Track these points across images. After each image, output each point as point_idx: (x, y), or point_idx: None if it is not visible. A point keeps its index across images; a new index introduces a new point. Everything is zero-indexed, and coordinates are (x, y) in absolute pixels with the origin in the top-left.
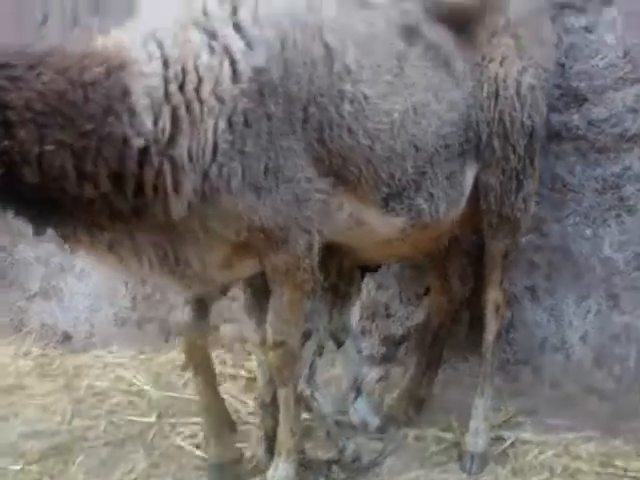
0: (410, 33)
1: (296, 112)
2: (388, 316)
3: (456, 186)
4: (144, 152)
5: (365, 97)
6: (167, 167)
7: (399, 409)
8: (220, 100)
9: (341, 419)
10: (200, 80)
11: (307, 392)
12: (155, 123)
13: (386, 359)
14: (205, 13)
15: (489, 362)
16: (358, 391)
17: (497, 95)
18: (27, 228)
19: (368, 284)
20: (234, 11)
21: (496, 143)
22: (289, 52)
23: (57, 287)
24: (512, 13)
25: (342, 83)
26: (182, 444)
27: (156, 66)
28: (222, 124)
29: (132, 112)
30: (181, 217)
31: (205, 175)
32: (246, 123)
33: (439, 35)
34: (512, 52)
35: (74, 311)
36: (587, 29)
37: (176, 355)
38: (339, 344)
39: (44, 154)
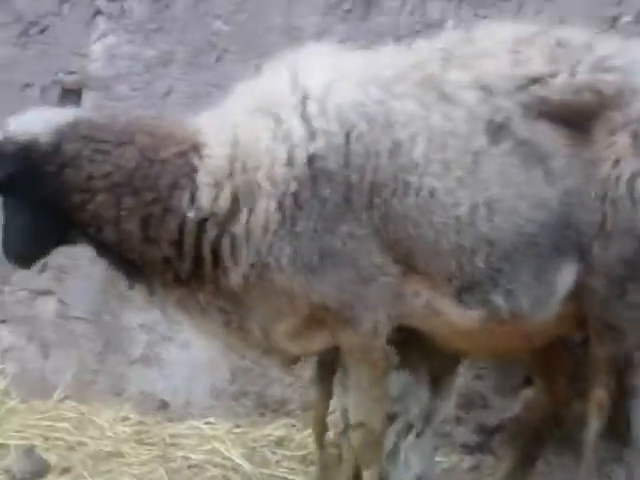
0: (497, 129)
1: (357, 200)
2: (484, 407)
3: (545, 285)
4: (202, 224)
5: (431, 191)
6: (226, 240)
7: None
8: (273, 183)
9: None
10: (259, 163)
11: (384, 474)
12: (215, 199)
13: (479, 449)
14: (276, 101)
15: (588, 463)
16: None
17: (605, 197)
18: (133, 294)
19: (466, 374)
20: (303, 100)
21: (600, 246)
22: (352, 144)
23: (159, 355)
24: (634, 109)
25: (408, 176)
26: None
27: (224, 148)
28: (273, 205)
29: (195, 188)
30: (240, 286)
31: (258, 251)
32: (296, 205)
33: (536, 132)
34: (628, 151)
35: (173, 380)
36: None
37: (271, 430)
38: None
39: (119, 217)
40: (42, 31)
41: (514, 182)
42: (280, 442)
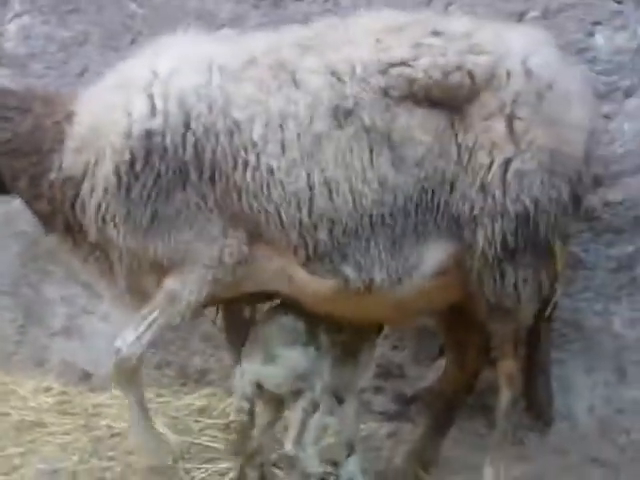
0: (343, 114)
1: (195, 174)
2: (401, 376)
3: (401, 261)
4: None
5: (269, 169)
6: (79, 200)
7: (407, 470)
8: (113, 150)
9: (332, 473)
10: (107, 132)
11: (292, 452)
12: (74, 163)
13: (397, 416)
14: (131, 80)
15: (501, 431)
16: (351, 450)
17: (476, 183)
18: (53, 267)
19: (384, 345)
20: (151, 81)
21: (471, 231)
22: (191, 124)
23: (80, 327)
24: (509, 92)
25: (246, 154)
26: None
27: (87, 118)
28: (110, 169)
29: (62, 152)
30: (97, 241)
31: (98, 207)
32: (132, 173)
33: (392, 118)
34: (502, 137)
35: (95, 351)
36: (608, 117)
37: (193, 400)
38: (339, 401)
39: (14, 176)
40: None
41: (357, 166)
42: (202, 411)
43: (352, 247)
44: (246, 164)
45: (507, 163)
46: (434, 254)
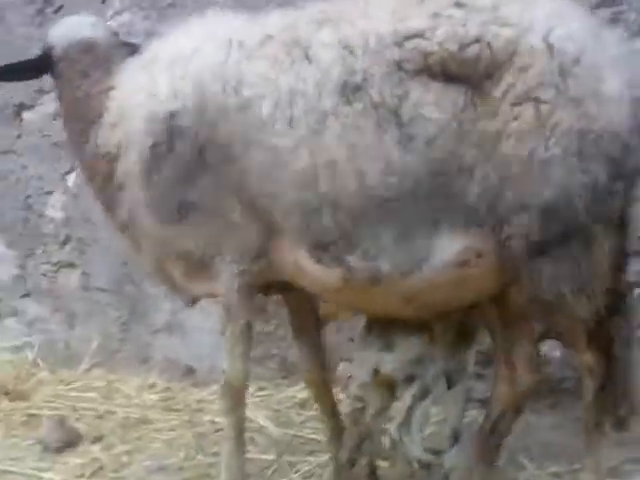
0: (351, 90)
1: (212, 156)
2: None
3: (411, 250)
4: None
5: (275, 148)
6: (115, 180)
7: None
8: (138, 134)
9: (434, 462)
10: (133, 115)
11: (397, 436)
12: (109, 139)
13: None
14: (156, 60)
15: (590, 423)
16: (455, 439)
17: (501, 173)
18: None
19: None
20: (173, 62)
21: (494, 220)
22: (207, 103)
23: (182, 323)
24: (534, 73)
25: (256, 133)
26: None
27: (120, 95)
28: (135, 155)
29: (100, 125)
30: (128, 224)
31: (129, 196)
32: (155, 158)
33: (404, 94)
34: (531, 125)
35: (197, 346)
36: None
37: (294, 392)
38: (450, 385)
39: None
40: None
41: (361, 145)
42: (303, 404)
43: (357, 234)
44: (255, 144)
45: (532, 153)
46: (448, 245)
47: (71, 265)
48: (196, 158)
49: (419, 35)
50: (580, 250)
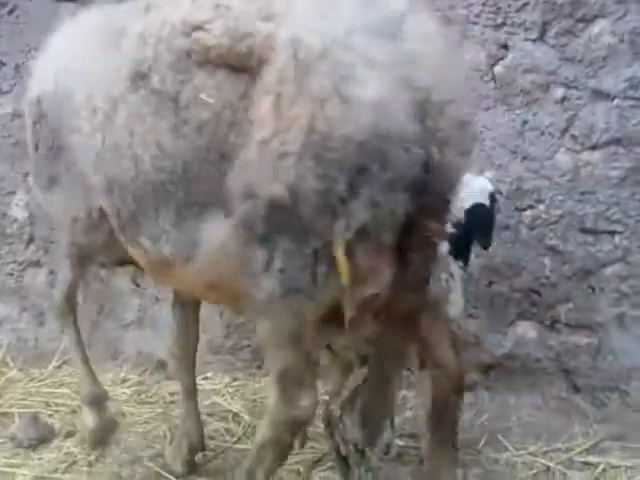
0: (138, 77)
1: (60, 140)
2: (478, 345)
3: (186, 235)
4: None
5: (82, 133)
6: None
7: None
8: (27, 113)
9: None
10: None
11: (337, 413)
12: None
13: (475, 386)
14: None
15: None
16: None
17: (244, 160)
18: None
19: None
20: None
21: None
22: (55, 91)
23: (152, 316)
24: (279, 66)
25: (72, 120)
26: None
27: None
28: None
29: None
30: None
31: None
32: (35, 134)
33: (186, 81)
34: (267, 115)
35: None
36: None
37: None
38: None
39: None
40: None
41: (142, 130)
42: None
43: (142, 217)
44: (73, 129)
45: (266, 143)
46: (216, 232)
47: (37, 264)
48: (53, 139)
49: (201, 27)
50: (302, 250)
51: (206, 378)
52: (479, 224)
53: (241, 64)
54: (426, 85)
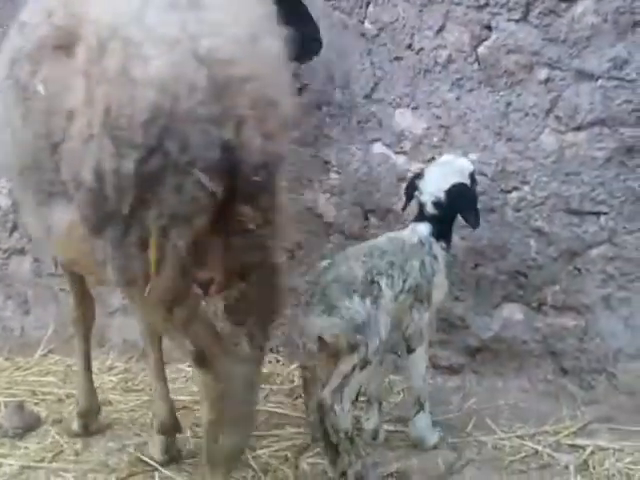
0: (12, 64)
1: None
2: (465, 328)
3: (41, 220)
4: None
5: None
6: None
7: None
8: None
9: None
10: None
11: (328, 401)
12: None
13: (463, 370)
14: None
15: None
16: (420, 406)
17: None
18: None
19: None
20: None
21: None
22: None
23: None
24: (85, 48)
25: None
26: (265, 456)
27: None
28: None
29: None
30: None
31: None
32: None
33: (36, 70)
34: (79, 100)
35: None
36: None
37: None
38: (410, 351)
39: None
40: None
41: (3, 119)
42: (267, 378)
43: (19, 199)
44: None
45: (79, 127)
46: (60, 217)
47: (21, 252)
48: None
49: (51, 14)
50: (126, 238)
51: (192, 365)
52: (461, 203)
53: (66, 50)
54: (225, 59)
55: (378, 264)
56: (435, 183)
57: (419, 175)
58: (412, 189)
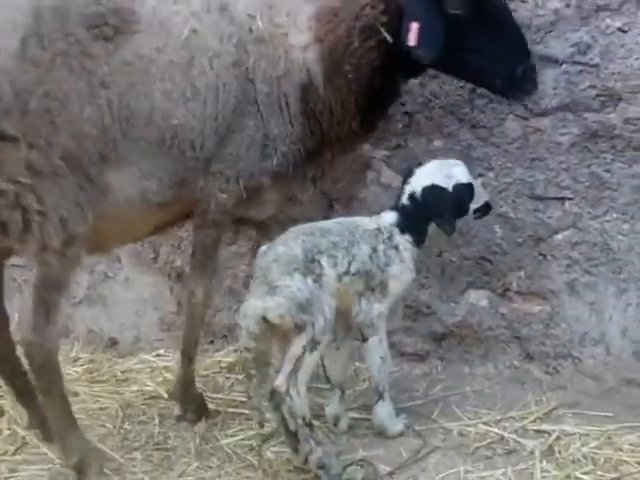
0: None
1: None
2: (431, 314)
3: None
4: None
5: None
6: None
7: None
8: None
9: (317, 423)
10: None
11: (283, 388)
12: None
13: (429, 356)
14: None
15: None
16: (380, 395)
17: None
18: None
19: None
20: None
21: None
22: None
23: (102, 294)
24: None
25: None
26: (230, 445)
27: None
28: None
29: None
30: None
31: None
32: None
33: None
34: None
35: (119, 317)
36: (622, 30)
37: (221, 357)
38: (364, 339)
39: None
40: None
41: None
42: (231, 367)
43: None
44: None
45: None
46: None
47: None
48: None
49: None
50: None
51: (158, 355)
52: (434, 206)
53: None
54: None
55: (319, 243)
56: (419, 177)
57: (418, 164)
58: (406, 177)
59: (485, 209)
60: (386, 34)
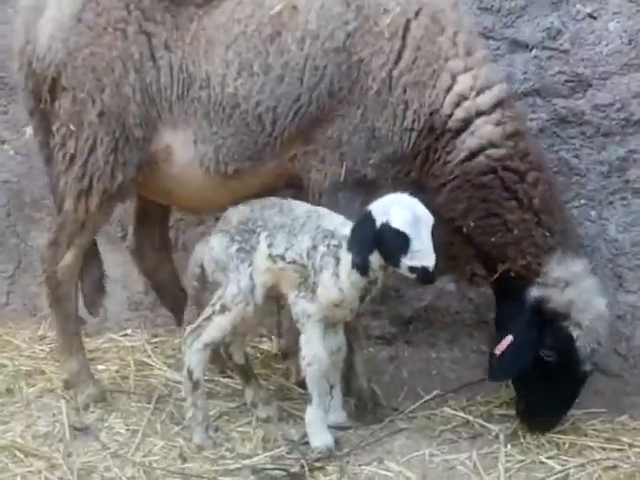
0: None
1: None
2: (398, 298)
3: None
4: None
5: None
6: None
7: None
8: None
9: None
10: None
11: (186, 338)
12: None
13: (396, 340)
14: None
15: None
16: (309, 398)
17: None
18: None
19: None
20: None
21: None
22: None
23: None
24: None
25: None
26: None
27: None
28: None
29: None
30: None
31: None
32: None
33: None
34: None
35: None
36: (592, 16)
37: None
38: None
39: None
40: None
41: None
42: None
43: None
44: None
45: None
46: None
47: None
48: None
49: None
50: None
51: (126, 335)
52: (354, 233)
53: None
54: None
55: (268, 218)
56: (377, 201)
57: None
58: None
59: (422, 273)
60: None
